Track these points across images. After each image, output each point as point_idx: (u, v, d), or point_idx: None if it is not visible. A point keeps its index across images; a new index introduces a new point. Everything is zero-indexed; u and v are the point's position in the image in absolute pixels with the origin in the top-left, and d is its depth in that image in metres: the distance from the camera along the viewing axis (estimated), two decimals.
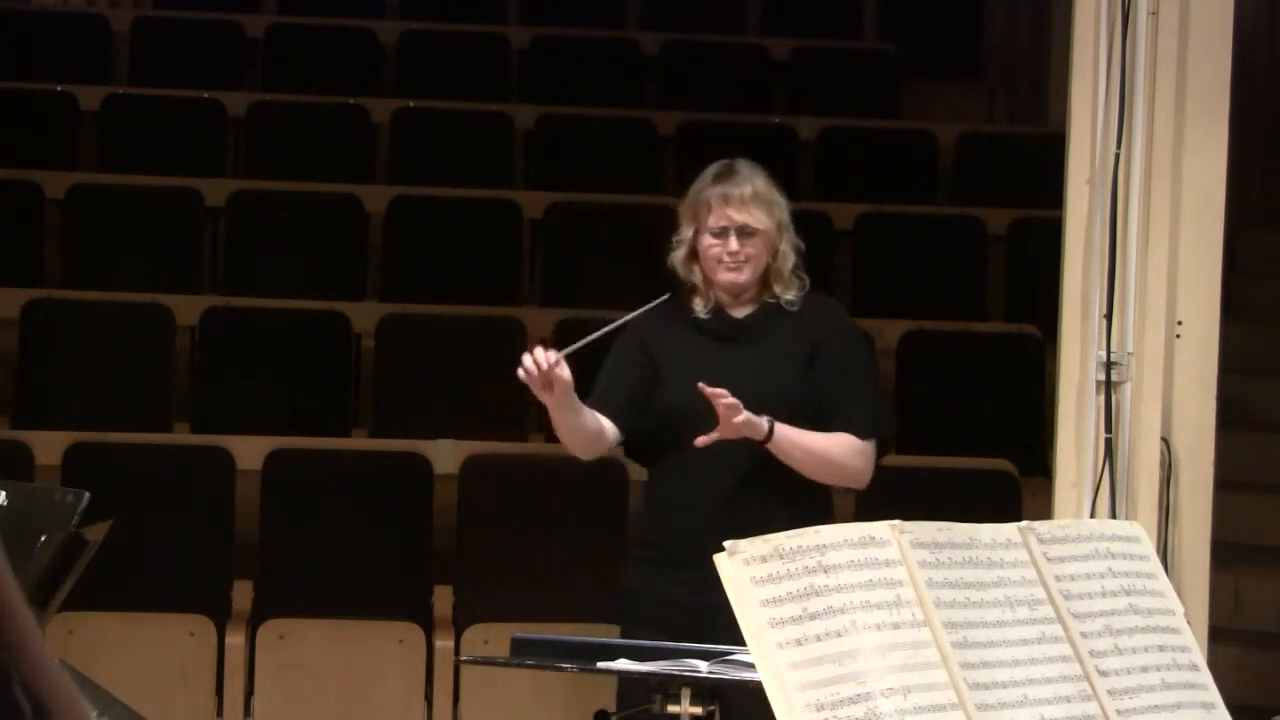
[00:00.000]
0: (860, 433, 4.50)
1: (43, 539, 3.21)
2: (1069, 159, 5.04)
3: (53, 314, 7.57)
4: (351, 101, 9.05)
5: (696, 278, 4.56)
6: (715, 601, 4.18)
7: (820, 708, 2.72)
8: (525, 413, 7.51)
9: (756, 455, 4.42)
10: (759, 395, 4.39)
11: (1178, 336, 5.04)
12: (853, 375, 4.55)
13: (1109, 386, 4.99)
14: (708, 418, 4.35)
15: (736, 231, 4.48)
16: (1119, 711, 2.95)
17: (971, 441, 7.28)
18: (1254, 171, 8.79)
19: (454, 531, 6.79)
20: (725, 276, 4.51)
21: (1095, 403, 5.00)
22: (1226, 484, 5.46)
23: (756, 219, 4.48)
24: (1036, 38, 9.94)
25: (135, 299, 7.63)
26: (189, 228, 8.28)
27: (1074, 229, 5.03)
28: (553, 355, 4.33)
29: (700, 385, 4.29)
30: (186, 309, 7.60)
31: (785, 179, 8.94)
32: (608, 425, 4.51)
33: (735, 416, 4.28)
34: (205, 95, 8.98)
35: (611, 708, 4.04)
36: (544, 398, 4.39)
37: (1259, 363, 8.03)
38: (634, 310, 4.54)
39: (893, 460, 7.36)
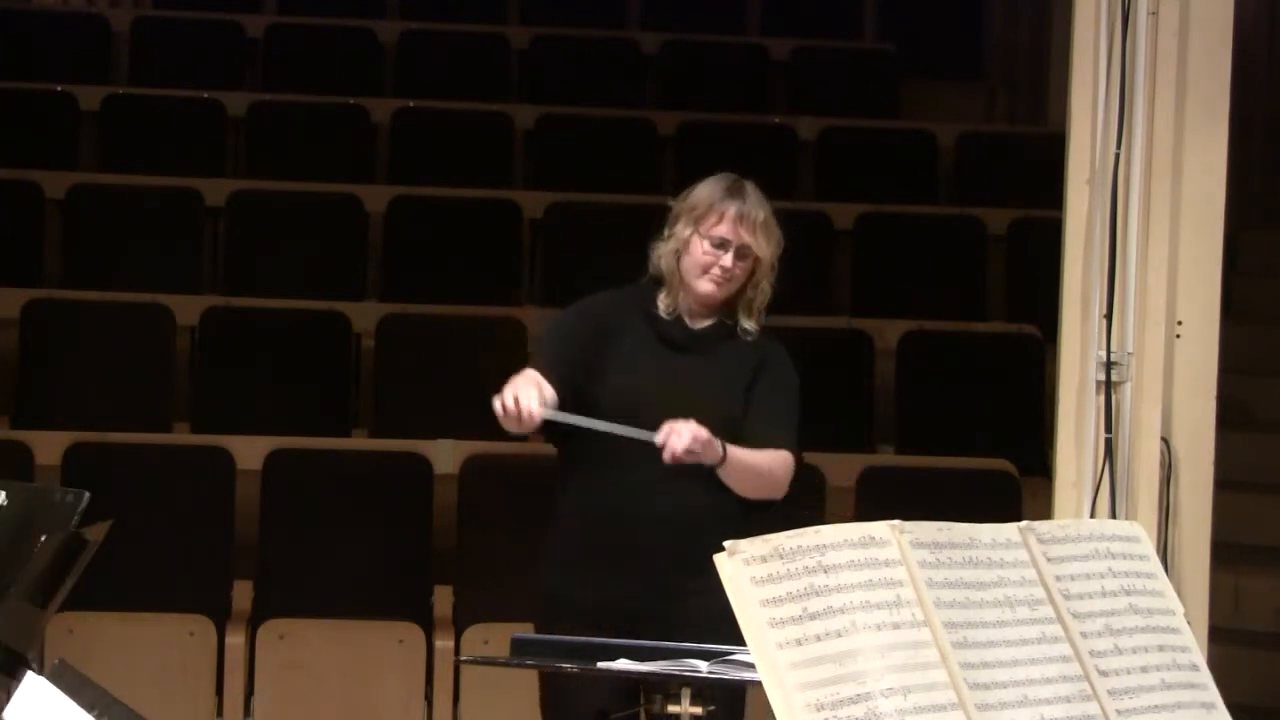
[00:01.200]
0: (792, 449, 4.55)
1: (43, 539, 3.20)
2: (1069, 159, 5.04)
3: (53, 314, 7.57)
4: (351, 101, 9.05)
5: (672, 278, 4.55)
6: (648, 604, 4.28)
7: (820, 708, 2.71)
8: None
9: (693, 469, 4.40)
10: (696, 408, 4.37)
11: (1178, 336, 5.04)
12: (786, 400, 4.58)
13: (1109, 386, 4.99)
14: (644, 419, 4.34)
15: (736, 250, 4.48)
16: (1119, 711, 2.95)
17: (971, 441, 7.28)
18: (1254, 171, 8.79)
19: (454, 531, 6.79)
20: (705, 287, 4.51)
21: (1095, 403, 5.00)
22: (1226, 484, 5.46)
23: (760, 247, 4.50)
24: (1036, 38, 9.94)
25: (135, 299, 7.63)
26: (189, 228, 8.28)
27: (1074, 229, 5.03)
28: (537, 413, 4.30)
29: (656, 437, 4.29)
30: (186, 309, 7.60)
31: (785, 179, 9.03)
32: (548, 392, 4.44)
33: (687, 443, 4.29)
34: (205, 95, 8.98)
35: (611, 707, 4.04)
36: (509, 427, 4.36)
37: (1259, 363, 8.04)
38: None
39: (893, 460, 7.41)
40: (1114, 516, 4.92)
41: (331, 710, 6.38)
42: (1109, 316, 4.98)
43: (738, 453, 4.40)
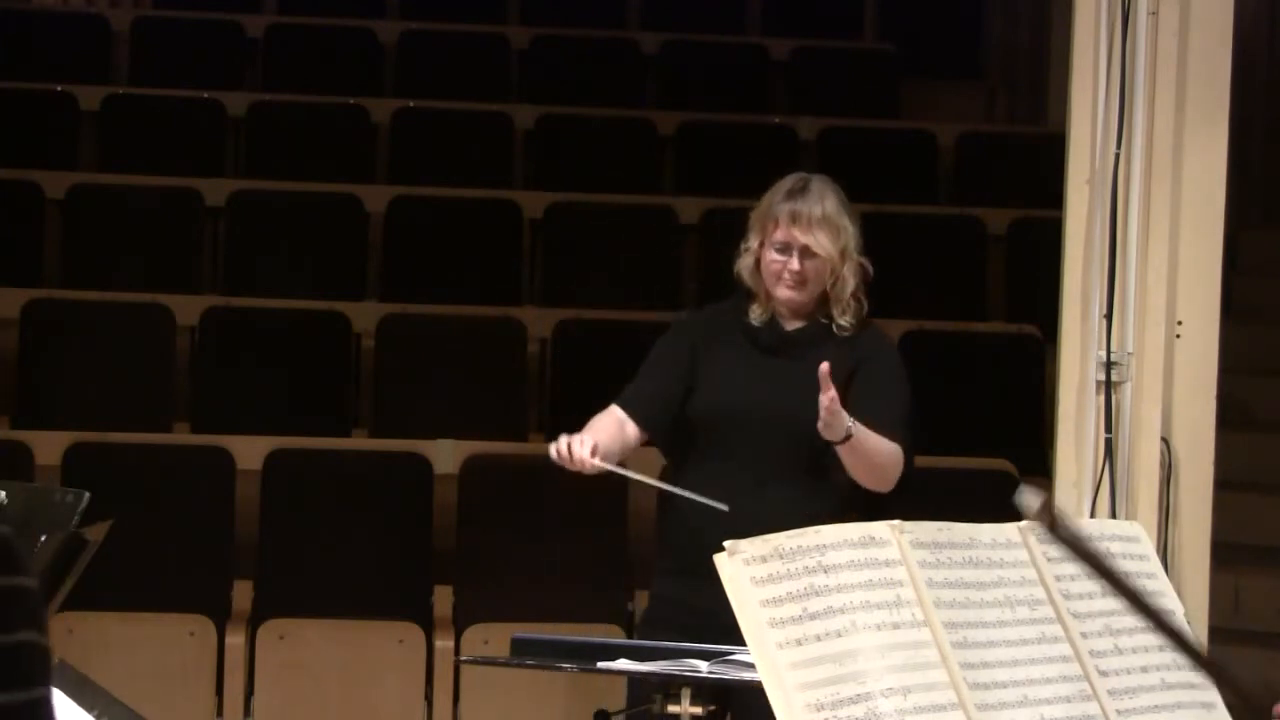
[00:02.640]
0: (904, 443, 4.47)
1: (43, 539, 3.20)
2: (1069, 159, 5.04)
3: (53, 314, 7.57)
4: (351, 101, 9.04)
5: (757, 288, 4.55)
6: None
7: (820, 708, 2.71)
8: (525, 413, 7.52)
9: (785, 465, 4.40)
10: (791, 409, 4.37)
11: (1178, 336, 5.04)
12: (894, 392, 4.53)
13: (1109, 386, 4.99)
14: (739, 425, 4.37)
15: (799, 252, 4.48)
16: (1119, 711, 2.95)
17: (971, 441, 7.27)
18: (1254, 171, 8.79)
19: (454, 531, 6.79)
20: (783, 293, 4.50)
21: (1095, 403, 5.00)
22: (1226, 484, 5.46)
23: (820, 244, 4.48)
24: (1036, 38, 9.94)
25: (135, 299, 7.63)
26: (189, 228, 8.28)
27: (1074, 229, 5.03)
28: (590, 463, 4.27)
29: (822, 369, 4.23)
30: (186, 309, 7.60)
31: None
32: (632, 431, 4.48)
33: (832, 416, 4.23)
34: (205, 95, 8.98)
35: (612, 707, 4.04)
36: (570, 468, 4.35)
37: (1259, 363, 8.03)
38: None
39: None
40: (1114, 516, 4.92)
41: (331, 710, 6.38)
42: (1109, 316, 4.98)
43: (863, 433, 4.33)
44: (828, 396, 4.20)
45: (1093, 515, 4.92)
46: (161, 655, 6.33)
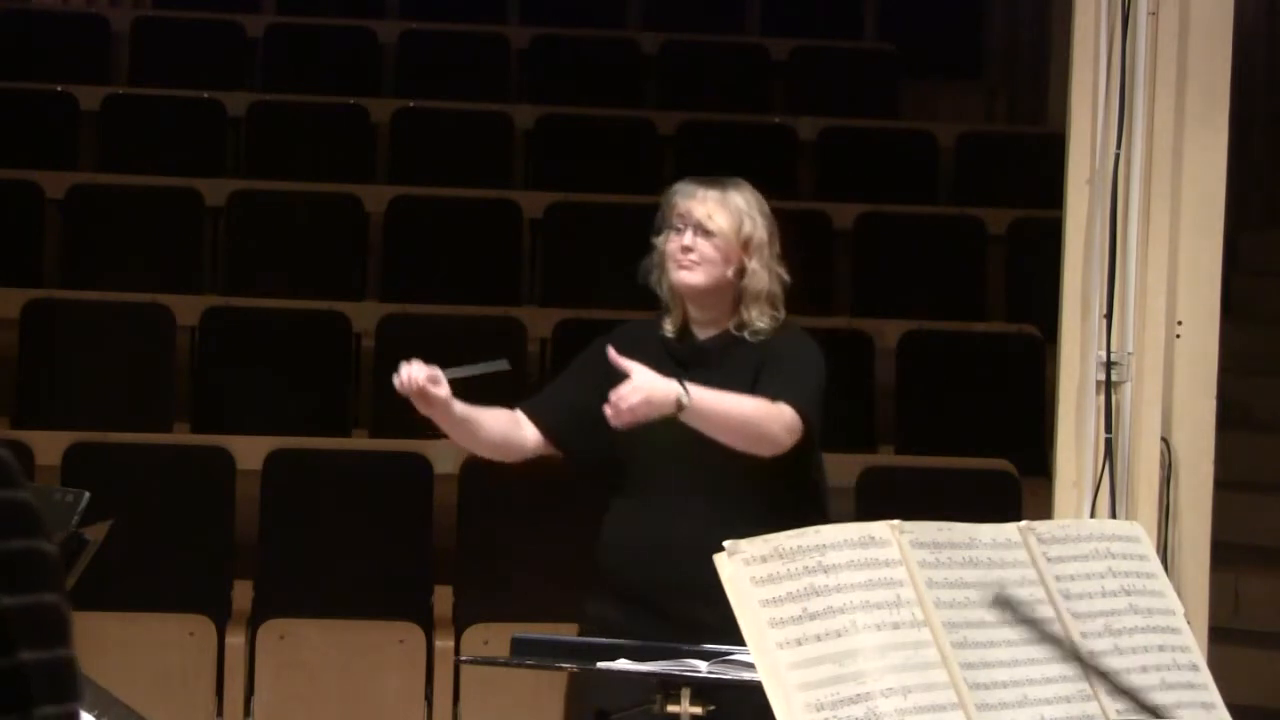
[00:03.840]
0: (795, 403, 4.14)
1: None
2: (1069, 159, 5.04)
3: (53, 314, 7.57)
4: (351, 101, 9.05)
5: (665, 292, 4.33)
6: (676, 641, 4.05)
7: (820, 708, 2.72)
8: None
9: (717, 491, 4.18)
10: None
11: (1178, 336, 5.04)
12: (795, 364, 4.24)
13: (1109, 386, 4.99)
14: (651, 443, 4.15)
15: (693, 227, 4.24)
16: (1119, 711, 2.95)
17: (971, 441, 7.28)
18: (1254, 171, 8.79)
19: (454, 531, 6.79)
20: (677, 274, 4.26)
21: (1095, 403, 5.00)
22: (1226, 484, 5.46)
23: (716, 222, 4.23)
24: (1036, 38, 9.94)
25: (135, 299, 7.63)
26: (189, 228, 8.28)
27: (1074, 229, 5.03)
28: (421, 373, 4.20)
29: (610, 353, 4.08)
30: (186, 309, 7.60)
31: (785, 179, 9.02)
32: (530, 434, 4.36)
33: (632, 400, 4.02)
34: (205, 95, 8.98)
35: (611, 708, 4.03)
36: (422, 409, 4.26)
37: (1259, 363, 8.04)
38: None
39: (893, 460, 7.41)
40: (1114, 516, 4.92)
41: (331, 710, 6.38)
42: (1109, 316, 4.99)
43: (704, 398, 4.05)
44: (626, 411, 4.00)
45: (1093, 515, 4.92)
46: (161, 655, 6.33)
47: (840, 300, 8.41)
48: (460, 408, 4.31)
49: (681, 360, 4.30)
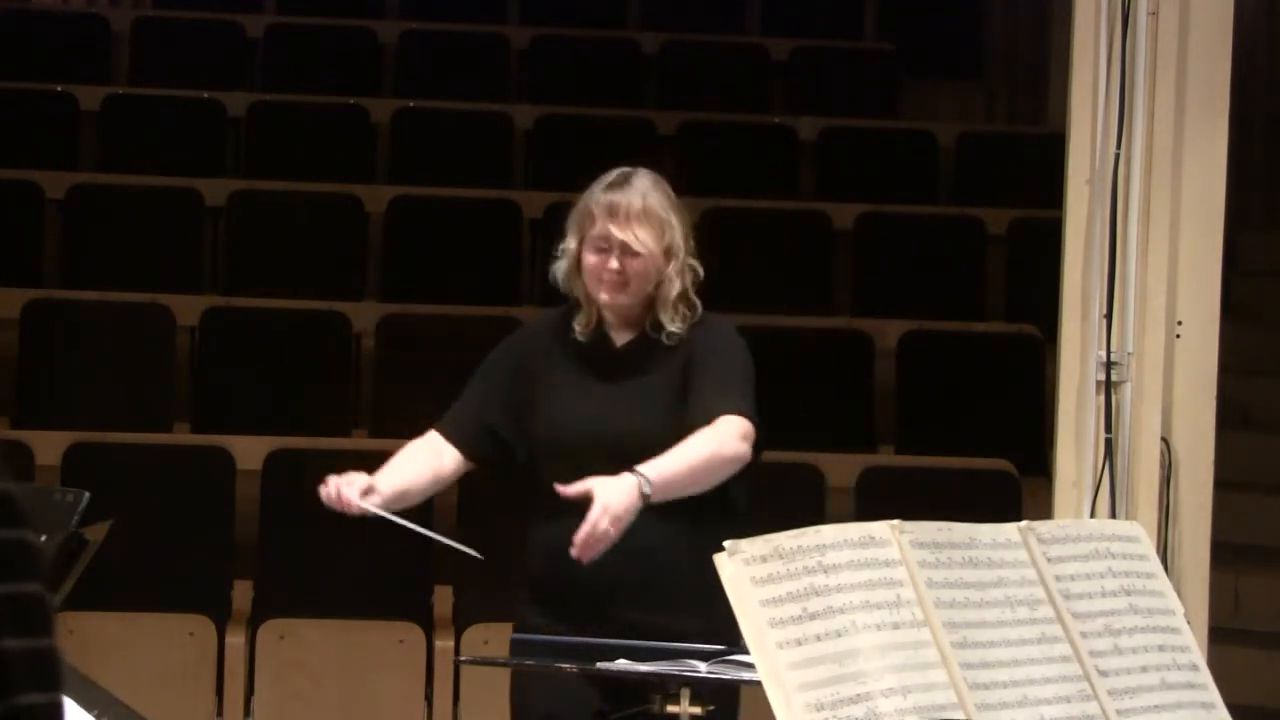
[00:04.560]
0: (739, 410, 4.00)
1: (43, 539, 3.20)
2: (1069, 159, 5.04)
3: (53, 314, 7.57)
4: (351, 101, 9.04)
5: (579, 293, 4.17)
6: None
7: (820, 708, 2.72)
8: None
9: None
10: (625, 437, 4.02)
11: (1178, 336, 5.04)
12: (723, 364, 4.10)
13: (1109, 386, 4.99)
14: (570, 455, 4.03)
15: (619, 249, 4.10)
16: (1119, 711, 2.95)
17: (971, 441, 7.28)
18: (1254, 171, 8.79)
19: (454, 532, 6.79)
20: (604, 296, 4.12)
21: (1095, 403, 5.00)
22: (1226, 484, 5.46)
23: (640, 240, 4.10)
24: (1036, 38, 9.94)
25: (135, 299, 7.63)
26: (189, 228, 8.28)
27: (1074, 229, 5.03)
28: (356, 505, 4.21)
29: (558, 488, 3.90)
30: (186, 309, 7.60)
31: (785, 179, 9.02)
32: (450, 457, 4.28)
33: (604, 527, 3.84)
34: (205, 95, 8.98)
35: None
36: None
37: (1259, 363, 8.04)
38: None
39: (893, 460, 7.41)
40: (1114, 516, 4.92)
41: (331, 710, 6.38)
42: (1109, 316, 4.99)
43: (660, 472, 3.89)
44: (581, 532, 3.83)
45: (1093, 515, 4.92)
46: (161, 655, 6.33)
47: (840, 300, 8.41)
48: (391, 495, 4.29)
49: (598, 370, 4.16)
